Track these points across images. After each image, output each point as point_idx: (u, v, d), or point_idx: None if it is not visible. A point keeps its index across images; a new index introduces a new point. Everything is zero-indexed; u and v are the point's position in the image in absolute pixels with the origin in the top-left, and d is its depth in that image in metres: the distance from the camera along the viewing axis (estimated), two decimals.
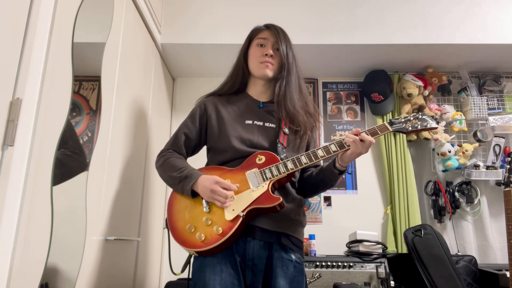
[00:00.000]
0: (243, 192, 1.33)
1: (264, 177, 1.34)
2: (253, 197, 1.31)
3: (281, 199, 1.31)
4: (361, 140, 1.31)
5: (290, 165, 1.35)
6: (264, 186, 1.33)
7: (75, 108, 1.41)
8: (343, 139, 1.35)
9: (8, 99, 1.04)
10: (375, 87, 2.76)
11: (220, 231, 1.28)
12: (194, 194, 1.37)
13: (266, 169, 1.35)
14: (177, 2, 2.50)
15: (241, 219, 1.28)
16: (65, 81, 1.29)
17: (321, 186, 1.50)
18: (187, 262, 1.40)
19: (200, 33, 2.45)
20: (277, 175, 1.34)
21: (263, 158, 1.38)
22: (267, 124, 1.48)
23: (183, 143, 1.52)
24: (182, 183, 1.37)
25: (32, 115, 1.11)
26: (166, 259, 2.57)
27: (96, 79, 1.56)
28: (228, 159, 1.43)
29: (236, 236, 1.30)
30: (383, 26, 2.46)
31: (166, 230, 1.40)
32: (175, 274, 1.41)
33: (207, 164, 1.54)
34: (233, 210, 1.30)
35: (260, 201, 1.31)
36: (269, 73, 1.50)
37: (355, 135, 1.33)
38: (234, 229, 1.27)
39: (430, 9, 2.48)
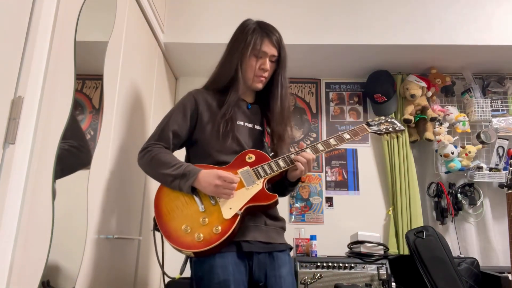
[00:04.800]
0: (238, 190, 1.34)
1: (258, 175, 1.36)
2: (250, 195, 1.33)
3: (277, 196, 1.35)
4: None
5: (282, 163, 1.39)
6: (259, 184, 1.35)
7: (78, 107, 1.42)
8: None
9: (9, 97, 1.05)
10: (378, 87, 2.75)
11: (220, 230, 1.27)
12: (193, 191, 1.35)
13: (258, 167, 1.38)
14: (180, 2, 2.50)
15: (239, 217, 1.30)
16: (67, 80, 1.29)
17: (280, 194, 1.51)
18: (185, 263, 1.39)
19: (203, 33, 2.45)
20: (270, 173, 1.37)
21: (253, 157, 1.40)
22: (256, 127, 1.53)
23: (171, 141, 1.45)
24: (179, 180, 1.33)
25: (33, 113, 1.11)
26: (167, 258, 2.58)
27: (99, 78, 1.56)
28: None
29: (235, 234, 1.31)
30: (386, 26, 2.46)
31: (155, 232, 1.36)
32: (173, 278, 1.39)
33: (188, 156, 1.53)
34: (230, 208, 1.31)
35: (257, 199, 1.33)
36: (261, 87, 1.53)
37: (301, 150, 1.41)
38: (233, 227, 1.28)
39: (434, 10, 2.47)
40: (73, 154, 1.30)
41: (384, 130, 1.56)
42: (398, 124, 1.59)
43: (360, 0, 2.51)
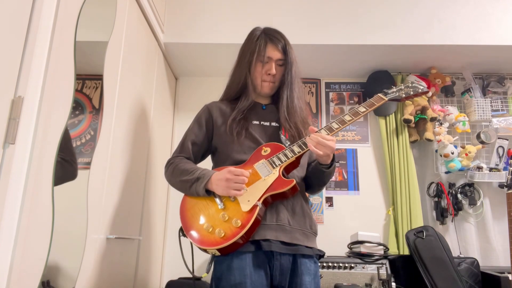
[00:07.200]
0: (255, 183, 1.33)
1: (273, 164, 1.36)
2: (267, 185, 1.32)
3: (295, 181, 1.32)
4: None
5: (296, 148, 1.37)
6: (275, 173, 1.34)
7: (78, 107, 1.42)
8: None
9: (9, 97, 1.05)
10: (378, 87, 2.73)
11: (239, 224, 1.26)
12: (208, 193, 1.36)
13: (273, 157, 1.37)
14: (180, 2, 2.50)
15: (258, 208, 1.28)
16: (67, 80, 1.29)
17: (321, 184, 1.53)
18: (211, 262, 1.37)
19: (203, 33, 2.45)
20: (285, 160, 1.36)
21: (268, 149, 1.41)
22: (273, 124, 1.52)
23: (191, 151, 1.52)
24: (195, 184, 1.36)
25: (33, 113, 1.11)
26: (167, 258, 2.58)
27: (99, 78, 1.56)
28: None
29: (255, 228, 1.29)
30: (386, 26, 2.46)
31: (180, 239, 1.37)
32: (199, 278, 1.36)
33: (212, 165, 1.56)
34: (249, 201, 1.30)
35: (274, 187, 1.32)
36: (269, 92, 1.55)
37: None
38: (253, 219, 1.26)
39: (434, 10, 2.47)
40: (63, 167, 1.31)
41: (404, 95, 1.48)
42: (421, 87, 1.49)
43: (361, 0, 2.51)
